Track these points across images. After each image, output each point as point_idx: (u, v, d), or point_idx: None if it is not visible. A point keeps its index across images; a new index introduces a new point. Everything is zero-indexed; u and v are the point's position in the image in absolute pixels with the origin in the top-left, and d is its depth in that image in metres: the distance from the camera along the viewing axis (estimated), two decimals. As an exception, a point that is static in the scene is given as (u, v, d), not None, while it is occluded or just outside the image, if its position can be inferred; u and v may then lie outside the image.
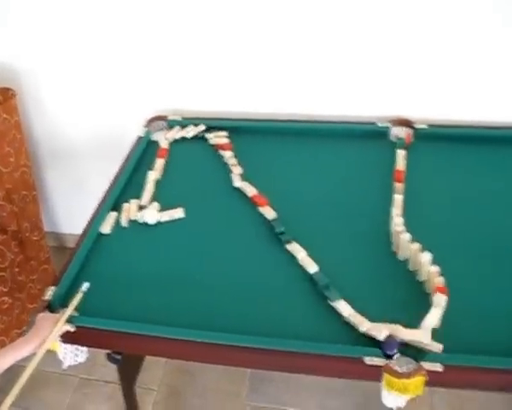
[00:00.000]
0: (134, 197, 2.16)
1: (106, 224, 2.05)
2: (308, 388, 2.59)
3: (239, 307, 1.73)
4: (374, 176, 2.20)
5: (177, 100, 2.63)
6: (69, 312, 1.67)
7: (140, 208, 2.11)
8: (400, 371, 1.47)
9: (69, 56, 2.60)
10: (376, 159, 2.28)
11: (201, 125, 2.50)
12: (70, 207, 3.22)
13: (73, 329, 1.66)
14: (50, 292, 1.78)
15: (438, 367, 1.47)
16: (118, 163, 2.34)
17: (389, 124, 2.40)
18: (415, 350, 1.54)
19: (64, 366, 1.74)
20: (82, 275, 1.85)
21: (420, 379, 1.46)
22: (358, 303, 1.67)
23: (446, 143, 2.32)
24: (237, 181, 2.19)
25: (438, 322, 1.58)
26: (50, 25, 2.52)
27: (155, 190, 2.20)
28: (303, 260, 1.83)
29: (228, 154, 2.33)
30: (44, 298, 1.77)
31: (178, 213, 2.08)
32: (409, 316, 1.62)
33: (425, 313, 1.61)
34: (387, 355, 1.51)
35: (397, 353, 1.51)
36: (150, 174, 2.25)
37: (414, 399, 1.49)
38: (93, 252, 1.96)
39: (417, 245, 1.80)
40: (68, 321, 1.66)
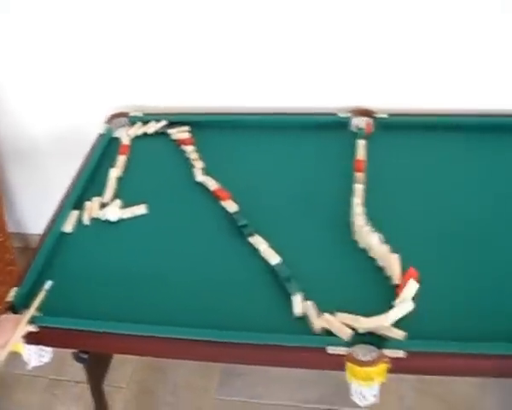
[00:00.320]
0: (96, 195, 2.14)
1: (68, 223, 2.04)
2: (279, 380, 2.59)
3: (202, 302, 1.73)
4: (335, 167, 2.20)
5: (139, 96, 2.61)
6: (31, 312, 1.66)
7: (102, 206, 2.09)
8: (363, 359, 1.48)
9: (30, 55, 2.57)
10: (337, 149, 2.29)
11: (163, 120, 2.49)
12: (35, 206, 3.18)
13: (36, 329, 1.64)
14: (13, 293, 1.77)
15: (400, 354, 1.48)
16: (81, 161, 2.33)
17: (350, 114, 2.40)
18: (378, 338, 1.55)
19: (29, 367, 1.73)
20: (44, 275, 1.83)
21: (383, 367, 1.47)
22: (321, 293, 1.68)
23: (407, 132, 2.33)
24: (199, 175, 2.18)
25: (403, 315, 1.60)
26: (10, 24, 2.49)
27: (117, 188, 2.19)
28: (265, 251, 1.83)
29: (189, 148, 2.32)
30: (7, 299, 1.75)
31: (140, 209, 2.07)
32: (372, 305, 1.63)
33: (387, 301, 1.63)
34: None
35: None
36: (112, 171, 2.23)
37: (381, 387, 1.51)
38: (55, 251, 1.95)
39: (377, 236, 1.82)
40: (31, 322, 1.64)
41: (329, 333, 1.58)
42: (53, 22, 2.45)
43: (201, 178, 2.17)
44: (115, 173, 2.23)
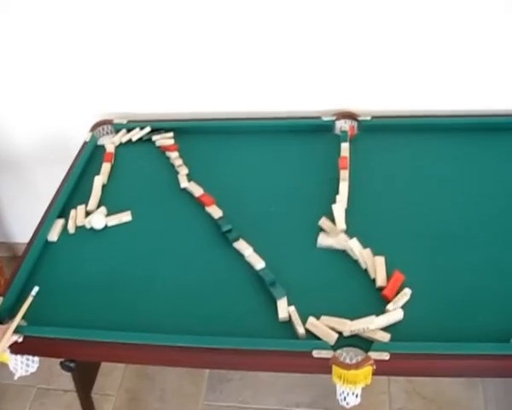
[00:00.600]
0: (81, 203, 2.14)
1: (53, 231, 2.04)
2: (268, 384, 2.59)
3: (188, 308, 1.74)
4: (319, 170, 2.21)
5: (123, 103, 2.61)
6: (16, 322, 1.66)
7: (87, 214, 2.09)
8: (348, 362, 1.49)
9: (14, 61, 2.56)
10: (322, 153, 2.29)
11: (147, 127, 2.49)
12: (22, 215, 3.17)
13: (21, 339, 1.64)
14: (-2, 303, 1.77)
15: (385, 356, 1.49)
16: (67, 169, 2.33)
17: (334, 117, 2.41)
18: (363, 340, 1.56)
19: (15, 377, 1.73)
20: (30, 284, 1.83)
21: (368, 369, 1.48)
22: (306, 297, 1.70)
23: (390, 134, 2.35)
24: (184, 182, 2.18)
25: (391, 323, 1.61)
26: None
27: (102, 195, 2.19)
28: (250, 256, 1.84)
29: (174, 155, 2.32)
30: (-8, 309, 1.76)
31: (126, 216, 2.07)
32: (357, 307, 1.65)
33: (372, 304, 1.65)
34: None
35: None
36: (96, 179, 2.23)
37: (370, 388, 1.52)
38: (41, 261, 1.95)
39: (356, 239, 1.84)
40: (16, 331, 1.65)
41: (315, 337, 1.59)
42: (38, 32, 2.45)
43: (186, 184, 2.17)
44: (100, 181, 2.23)
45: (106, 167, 2.31)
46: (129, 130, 2.52)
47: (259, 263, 1.80)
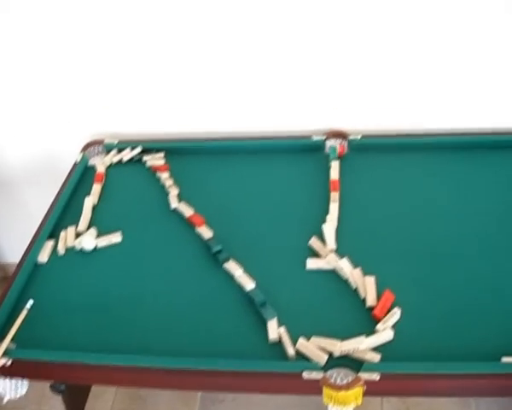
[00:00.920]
0: (71, 224, 2.14)
1: (43, 253, 2.03)
2: (259, 404, 2.56)
3: (179, 330, 1.73)
4: (310, 190, 2.21)
5: (114, 123, 2.61)
6: (5, 345, 1.65)
7: (77, 235, 2.09)
8: (339, 383, 1.48)
9: (5, 83, 2.56)
10: (312, 172, 2.30)
11: (138, 147, 2.49)
12: (13, 235, 3.16)
13: (10, 362, 1.63)
14: (-13, 325, 1.76)
15: (376, 377, 1.48)
16: (58, 189, 2.33)
17: (324, 137, 2.41)
18: (353, 361, 1.56)
19: (4, 401, 1.71)
20: (19, 306, 1.83)
21: (358, 390, 1.47)
22: (296, 318, 1.69)
23: (380, 153, 2.35)
24: (174, 202, 2.18)
25: (381, 343, 1.61)
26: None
27: (93, 216, 2.18)
28: (240, 277, 1.83)
29: (164, 175, 2.32)
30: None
31: (116, 237, 2.07)
32: (347, 327, 1.64)
33: (362, 323, 1.65)
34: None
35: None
36: (87, 200, 2.23)
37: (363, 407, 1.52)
38: (30, 282, 1.94)
39: (347, 262, 1.84)
40: (5, 354, 1.64)
41: (305, 358, 1.58)
42: (29, 54, 2.45)
43: (176, 204, 2.17)
44: (90, 202, 2.22)
45: (96, 188, 2.30)
46: (120, 150, 2.52)
47: (249, 284, 1.80)
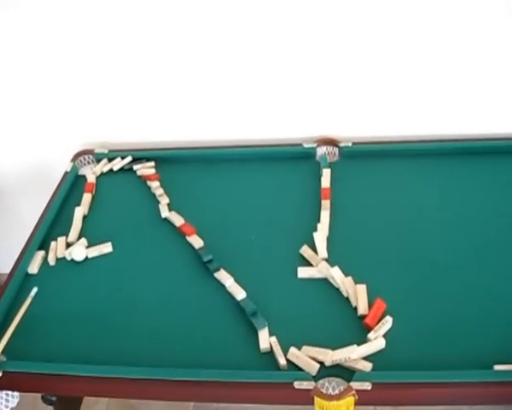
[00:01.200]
0: (62, 235, 2.13)
1: (33, 264, 2.01)
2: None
3: (170, 340, 1.72)
4: (301, 197, 2.21)
5: (104, 133, 2.60)
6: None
7: (68, 246, 2.08)
8: (330, 392, 1.48)
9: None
10: (303, 180, 2.30)
11: (128, 156, 2.49)
12: (4, 246, 3.14)
13: (0, 374, 1.62)
14: (-23, 337, 1.74)
15: (367, 386, 1.48)
16: (49, 199, 2.32)
17: (315, 144, 2.41)
18: (345, 370, 1.55)
19: (-5, 413, 1.71)
20: (9, 318, 1.81)
21: (350, 400, 1.47)
22: (287, 327, 1.69)
23: (371, 160, 2.36)
24: (165, 211, 2.17)
25: (373, 352, 1.60)
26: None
27: (83, 226, 2.17)
28: (231, 287, 1.83)
29: (155, 184, 2.31)
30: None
31: (106, 247, 2.06)
32: (338, 336, 1.64)
33: (354, 332, 1.65)
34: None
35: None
36: (77, 210, 2.22)
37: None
38: (21, 293, 1.92)
39: (338, 270, 1.84)
40: (-6, 366, 1.63)
41: (297, 367, 1.57)
42: (18, 64, 2.44)
43: (167, 214, 2.16)
44: (81, 212, 2.21)
45: (87, 198, 2.30)
46: (110, 159, 2.51)
47: (240, 293, 1.79)
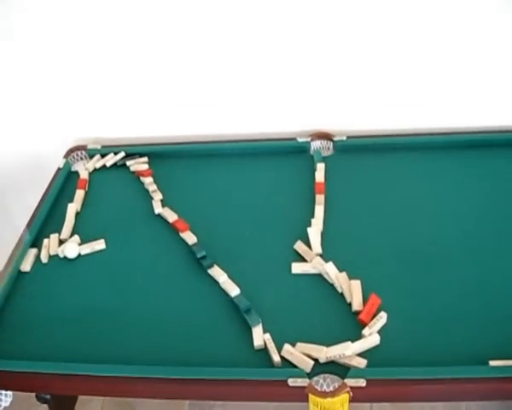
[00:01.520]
0: (55, 232, 2.11)
1: (26, 261, 2.00)
2: (252, 409, 2.55)
3: (163, 337, 1.71)
4: (295, 192, 2.20)
5: (97, 128, 2.58)
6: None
7: (60, 243, 2.06)
8: (325, 389, 1.47)
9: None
10: (297, 175, 2.28)
11: (121, 152, 2.47)
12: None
13: (-7, 374, 1.61)
14: (-31, 336, 1.74)
15: (361, 383, 1.47)
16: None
17: (309, 138, 2.40)
18: (339, 367, 1.54)
19: (-11, 413, 1.70)
20: (2, 316, 1.80)
21: (345, 396, 1.46)
22: (281, 323, 1.68)
23: (365, 154, 2.35)
24: (158, 207, 2.16)
25: (367, 348, 1.59)
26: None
27: (76, 223, 2.16)
28: (224, 283, 1.82)
29: (148, 180, 2.30)
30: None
31: (99, 244, 2.04)
32: (333, 333, 1.63)
33: (349, 328, 1.64)
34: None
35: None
36: (70, 207, 2.20)
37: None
38: (13, 291, 1.90)
39: (332, 266, 1.82)
40: (-13, 365, 1.62)
41: (291, 364, 1.56)
42: (10, 59, 2.42)
43: (160, 210, 2.15)
44: (73, 209, 2.20)
45: (79, 194, 2.28)
46: (103, 155, 2.49)
47: (234, 290, 1.78)
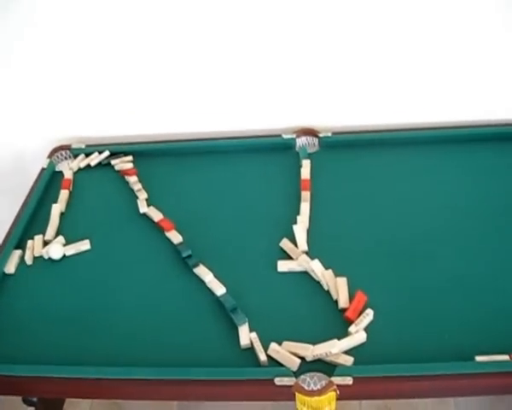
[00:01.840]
0: (39, 233, 2.09)
1: (10, 263, 1.98)
2: (238, 407, 2.53)
3: (149, 338, 1.70)
4: (280, 189, 2.19)
5: (81, 127, 2.56)
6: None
7: (45, 244, 2.05)
8: (312, 388, 1.46)
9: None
10: (283, 171, 2.28)
11: (106, 151, 2.45)
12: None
13: (-24, 377, 1.60)
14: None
15: (348, 381, 1.46)
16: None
17: (294, 135, 2.39)
18: (326, 365, 1.54)
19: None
20: (-14, 320, 1.79)
21: (332, 395, 1.45)
22: (268, 322, 1.67)
23: (351, 150, 2.34)
24: (143, 207, 2.15)
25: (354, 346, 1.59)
26: None
27: (60, 224, 2.14)
28: (210, 282, 1.81)
29: (133, 179, 2.28)
30: None
31: (84, 245, 2.03)
32: (319, 330, 1.63)
33: (335, 326, 1.63)
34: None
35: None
36: (54, 207, 2.18)
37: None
38: (-2, 294, 1.90)
39: (318, 263, 1.82)
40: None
41: (277, 363, 1.56)
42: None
43: (145, 209, 2.14)
44: (58, 209, 2.18)
45: (64, 195, 2.26)
46: (87, 154, 2.47)
47: (220, 289, 1.77)
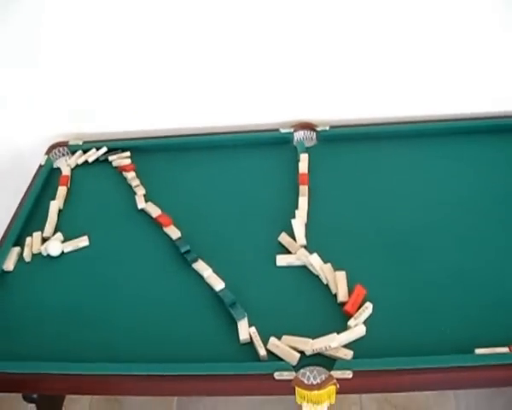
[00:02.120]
0: (37, 230, 2.09)
1: (8, 260, 1.98)
2: (238, 401, 2.55)
3: (149, 334, 1.70)
4: (278, 184, 2.19)
5: (79, 124, 2.55)
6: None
7: (43, 241, 2.05)
8: (311, 382, 1.46)
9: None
10: (281, 166, 2.27)
11: (103, 147, 2.45)
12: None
13: (-24, 375, 1.60)
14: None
15: (348, 374, 1.46)
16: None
17: (292, 129, 2.39)
18: (326, 359, 1.54)
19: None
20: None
21: (331, 388, 1.45)
22: (267, 317, 1.67)
23: (349, 143, 2.33)
24: (141, 202, 2.14)
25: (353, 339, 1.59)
26: None
27: (59, 220, 2.14)
28: (209, 277, 1.81)
29: (130, 175, 2.28)
30: None
31: (83, 241, 2.03)
32: (319, 324, 1.62)
33: (334, 320, 1.63)
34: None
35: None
36: (52, 204, 2.18)
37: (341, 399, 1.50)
38: (-4, 292, 1.89)
39: (317, 257, 1.82)
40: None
41: (277, 357, 1.56)
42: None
43: (143, 205, 2.13)
44: (56, 206, 2.18)
45: (61, 191, 2.26)
46: (85, 151, 2.46)
47: (219, 284, 1.77)
